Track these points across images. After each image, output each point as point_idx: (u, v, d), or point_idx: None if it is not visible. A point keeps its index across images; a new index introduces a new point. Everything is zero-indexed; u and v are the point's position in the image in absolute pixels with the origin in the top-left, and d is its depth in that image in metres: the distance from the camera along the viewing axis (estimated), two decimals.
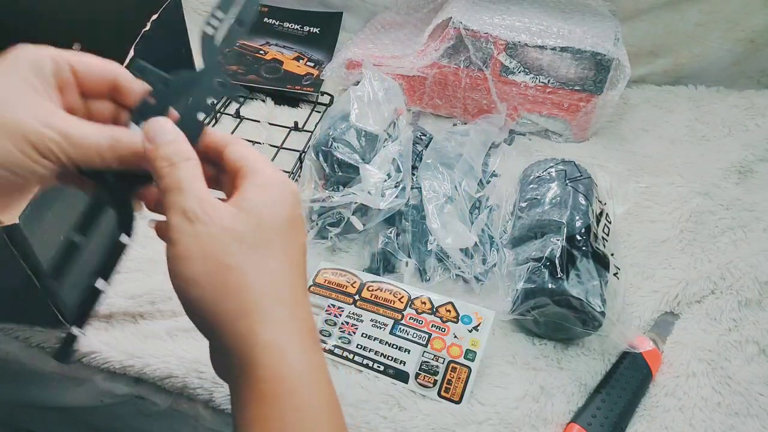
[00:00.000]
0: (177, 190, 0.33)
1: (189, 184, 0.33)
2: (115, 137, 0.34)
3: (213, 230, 0.32)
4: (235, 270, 0.32)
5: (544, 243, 0.61)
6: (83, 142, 0.33)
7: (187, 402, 0.61)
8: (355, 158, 0.68)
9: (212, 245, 0.32)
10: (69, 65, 0.35)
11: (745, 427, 0.56)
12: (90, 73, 0.36)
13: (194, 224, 0.32)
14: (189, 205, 0.32)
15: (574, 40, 0.78)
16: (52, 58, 0.35)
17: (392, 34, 0.93)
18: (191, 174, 0.34)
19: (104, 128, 0.35)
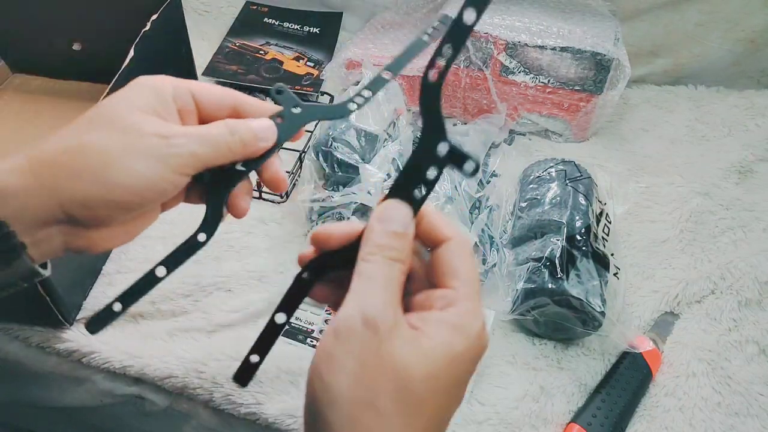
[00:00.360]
0: (366, 280, 0.29)
1: (384, 282, 0.29)
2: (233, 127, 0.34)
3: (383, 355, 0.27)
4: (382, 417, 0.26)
5: (544, 243, 0.61)
6: (212, 140, 0.33)
7: (186, 402, 0.61)
8: (355, 158, 0.68)
9: (374, 373, 0.26)
10: (190, 92, 0.35)
11: (745, 427, 0.56)
12: (210, 101, 0.36)
13: (372, 335, 0.27)
14: (376, 313, 0.27)
15: (574, 40, 0.78)
16: (173, 85, 0.35)
17: (392, 34, 0.93)
18: (396, 280, 0.29)
19: (218, 124, 0.34)
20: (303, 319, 0.63)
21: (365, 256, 0.29)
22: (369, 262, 0.29)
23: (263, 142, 0.35)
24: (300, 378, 0.59)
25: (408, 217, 0.31)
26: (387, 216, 0.31)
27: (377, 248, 0.29)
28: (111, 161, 0.31)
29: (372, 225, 0.30)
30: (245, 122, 0.35)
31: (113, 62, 0.66)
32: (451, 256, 0.30)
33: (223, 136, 0.34)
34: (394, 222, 0.30)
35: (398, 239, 0.30)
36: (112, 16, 0.83)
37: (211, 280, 0.66)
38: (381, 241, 0.30)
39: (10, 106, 0.88)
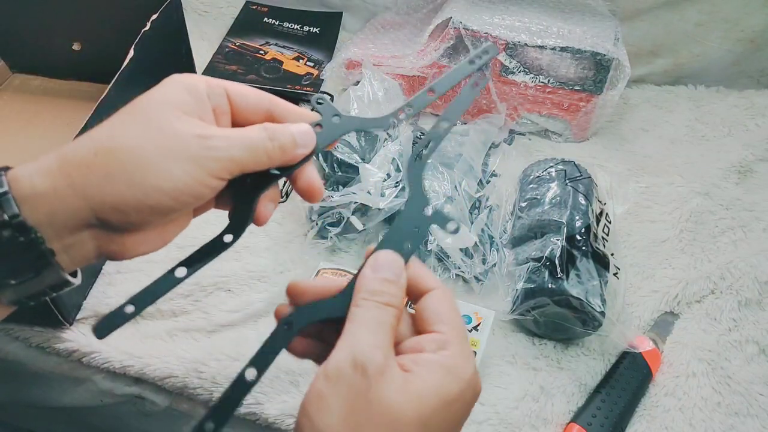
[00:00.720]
0: (358, 325, 0.29)
1: (375, 327, 0.29)
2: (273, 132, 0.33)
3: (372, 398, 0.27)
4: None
5: (544, 243, 0.61)
6: (252, 144, 0.32)
7: (186, 402, 0.61)
8: (354, 158, 0.68)
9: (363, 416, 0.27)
10: (225, 92, 0.34)
11: (745, 427, 0.56)
12: (246, 103, 0.34)
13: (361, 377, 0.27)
14: (365, 356, 0.28)
15: (574, 40, 0.78)
16: (209, 84, 0.33)
17: (392, 34, 0.93)
18: (388, 323, 0.30)
19: (258, 128, 0.33)
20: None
21: (358, 301, 0.30)
22: (361, 307, 0.30)
23: (302, 149, 0.34)
24: (300, 378, 0.59)
25: (400, 266, 0.32)
26: (379, 264, 0.32)
27: (369, 294, 0.31)
28: (146, 163, 0.29)
29: (365, 273, 0.32)
30: (285, 127, 0.34)
31: (113, 62, 0.66)
32: (438, 304, 0.32)
33: (263, 141, 0.32)
34: (386, 269, 0.32)
35: (391, 286, 0.31)
36: (112, 16, 0.83)
37: (211, 280, 0.66)
38: (373, 287, 0.31)
39: (10, 106, 0.88)
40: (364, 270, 0.32)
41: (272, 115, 0.35)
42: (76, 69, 0.90)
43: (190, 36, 0.85)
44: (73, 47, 0.87)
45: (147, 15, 0.71)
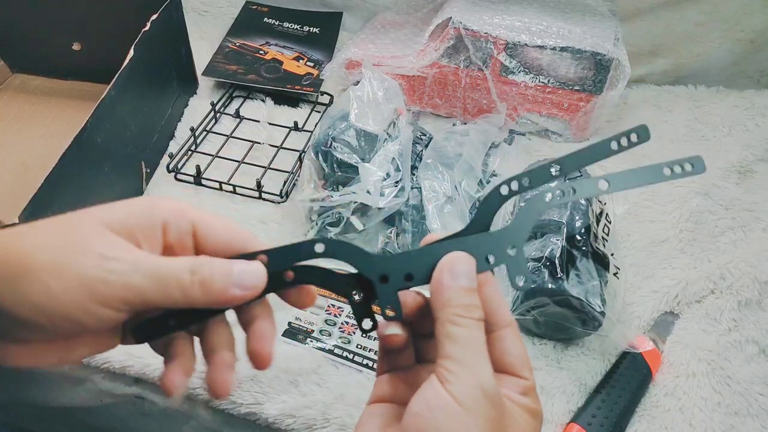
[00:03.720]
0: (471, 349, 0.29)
1: (484, 351, 0.29)
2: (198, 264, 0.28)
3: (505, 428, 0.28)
4: None
5: (544, 243, 0.61)
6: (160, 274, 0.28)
7: (186, 402, 0.61)
8: (354, 158, 0.68)
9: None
10: (191, 224, 0.30)
11: (745, 427, 0.56)
12: (216, 241, 0.31)
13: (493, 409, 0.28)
14: (492, 386, 0.28)
15: (574, 40, 0.78)
16: (175, 211, 0.30)
17: (392, 34, 0.93)
18: (484, 339, 0.29)
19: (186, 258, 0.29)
20: (303, 319, 0.63)
21: (454, 318, 0.29)
22: (462, 327, 0.29)
23: (238, 290, 0.29)
24: (300, 378, 0.59)
25: (474, 271, 0.31)
26: (456, 270, 0.30)
27: (464, 309, 0.29)
28: (31, 272, 0.26)
29: (445, 281, 0.30)
30: (224, 262, 0.29)
31: (113, 62, 0.66)
32: (517, 345, 0.32)
33: (179, 271, 0.28)
34: (465, 277, 0.30)
35: (474, 296, 0.30)
36: (112, 16, 0.83)
37: None
38: (462, 299, 0.30)
39: (10, 106, 0.88)
40: (442, 277, 0.30)
41: None
42: (76, 69, 0.90)
43: (190, 36, 0.85)
44: (73, 47, 0.87)
45: (147, 15, 0.71)
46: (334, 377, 0.59)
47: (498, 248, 0.32)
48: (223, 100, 0.89)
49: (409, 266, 0.32)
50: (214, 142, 0.83)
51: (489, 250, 0.32)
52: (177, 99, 0.85)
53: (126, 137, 0.71)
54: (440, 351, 0.29)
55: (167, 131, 0.83)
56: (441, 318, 0.29)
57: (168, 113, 0.82)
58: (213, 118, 0.87)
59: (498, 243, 0.32)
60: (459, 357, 0.28)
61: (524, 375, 0.31)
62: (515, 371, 0.31)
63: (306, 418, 0.56)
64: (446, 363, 0.28)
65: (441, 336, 0.29)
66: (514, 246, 0.32)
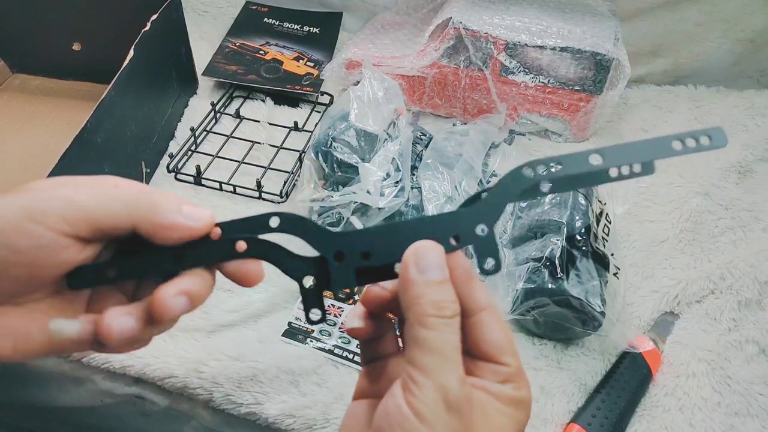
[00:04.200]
0: (437, 355, 0.26)
1: (453, 354, 0.27)
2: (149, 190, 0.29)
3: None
4: None
5: (544, 243, 0.61)
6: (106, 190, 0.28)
7: (186, 402, 0.61)
8: (354, 158, 0.68)
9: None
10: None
11: (745, 427, 0.56)
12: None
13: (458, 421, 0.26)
14: (457, 396, 0.26)
15: (574, 40, 0.78)
16: None
17: (392, 34, 0.93)
18: (458, 345, 0.27)
19: None
20: (303, 319, 0.63)
21: (422, 319, 0.27)
22: (430, 329, 0.27)
23: (184, 219, 0.29)
24: (300, 378, 0.59)
25: (444, 259, 0.28)
26: (425, 263, 0.28)
27: (434, 308, 0.27)
28: None
29: (411, 276, 0.28)
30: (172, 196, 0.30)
31: (113, 62, 0.66)
32: (494, 329, 0.29)
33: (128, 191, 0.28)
34: (435, 268, 0.28)
35: (446, 290, 0.28)
36: (112, 16, 0.83)
37: None
38: (432, 297, 0.27)
39: (10, 106, 0.88)
40: (409, 272, 0.28)
41: None
42: (76, 69, 0.90)
43: (190, 36, 0.85)
44: (73, 47, 0.87)
45: (147, 15, 0.71)
46: (334, 377, 0.59)
47: (466, 227, 0.29)
48: (223, 100, 0.89)
49: (369, 244, 0.29)
50: (214, 142, 0.83)
51: (456, 230, 0.29)
52: (177, 99, 0.85)
53: (126, 137, 0.71)
54: (406, 355, 0.27)
55: (167, 131, 0.83)
56: (409, 318, 0.27)
57: (168, 113, 0.82)
58: (213, 118, 0.87)
59: (467, 222, 0.30)
60: (424, 364, 0.26)
61: (504, 361, 0.29)
62: (494, 357, 0.29)
63: (306, 418, 0.56)
64: (411, 370, 0.26)
65: (408, 338, 0.27)
66: (484, 225, 0.30)
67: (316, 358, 0.60)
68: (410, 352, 0.27)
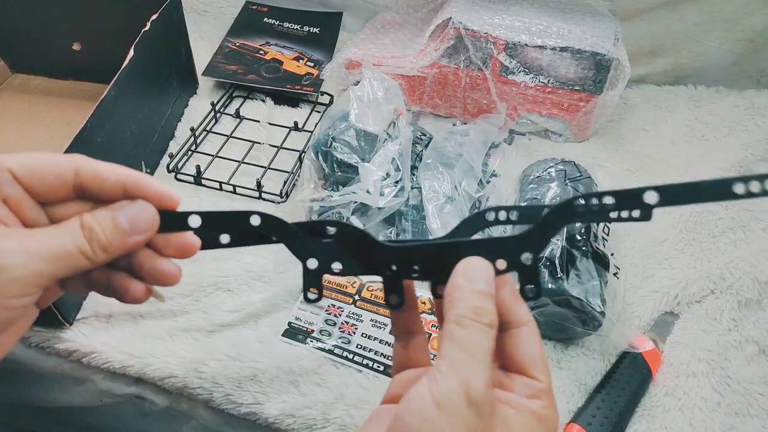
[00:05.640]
0: (467, 353, 0.27)
1: (483, 357, 0.27)
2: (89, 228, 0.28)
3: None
4: None
5: None
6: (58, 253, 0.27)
7: (186, 402, 0.61)
8: (354, 158, 0.68)
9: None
10: (10, 174, 0.28)
11: (745, 427, 0.56)
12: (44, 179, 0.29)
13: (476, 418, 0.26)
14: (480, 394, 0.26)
15: (574, 40, 0.78)
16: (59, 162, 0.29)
17: (392, 34, 0.93)
18: (491, 350, 0.28)
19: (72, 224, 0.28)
20: (303, 319, 0.63)
21: (459, 319, 0.28)
22: (467, 329, 0.28)
23: (139, 237, 0.29)
24: (300, 378, 0.59)
25: (492, 277, 0.30)
26: (473, 274, 0.30)
27: (471, 312, 0.28)
28: None
29: (458, 282, 0.29)
30: (106, 217, 0.28)
31: (113, 62, 0.66)
32: (532, 345, 0.30)
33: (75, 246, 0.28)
34: (481, 281, 0.29)
35: (489, 301, 0.29)
36: (112, 16, 0.83)
37: (211, 280, 0.66)
38: (473, 302, 0.29)
39: (10, 106, 0.88)
40: (457, 279, 0.30)
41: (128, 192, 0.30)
42: (76, 69, 0.90)
43: (190, 36, 0.85)
44: (73, 47, 0.87)
45: (147, 15, 0.71)
46: (334, 377, 0.59)
47: (514, 254, 0.31)
48: (223, 100, 0.89)
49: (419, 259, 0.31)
50: (214, 142, 0.83)
51: (503, 254, 0.31)
52: (177, 99, 0.85)
53: (126, 137, 0.71)
54: (439, 350, 0.28)
55: (167, 131, 0.83)
56: (447, 318, 0.29)
57: (168, 113, 0.82)
58: (213, 118, 0.87)
59: (515, 249, 0.31)
60: (453, 358, 0.27)
61: (536, 376, 0.29)
62: (527, 371, 0.30)
63: (306, 418, 0.56)
64: (440, 363, 0.27)
65: (443, 335, 0.28)
66: (530, 254, 0.31)
67: (316, 358, 0.60)
68: (442, 347, 0.28)
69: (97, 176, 0.29)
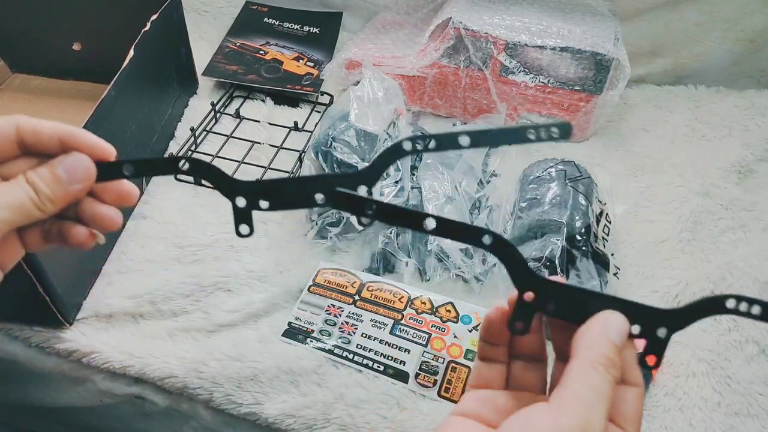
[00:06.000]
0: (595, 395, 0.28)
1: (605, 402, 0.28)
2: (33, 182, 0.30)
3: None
4: None
5: (544, 243, 0.61)
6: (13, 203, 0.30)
7: (186, 402, 0.61)
8: (354, 158, 0.68)
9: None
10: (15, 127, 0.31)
11: (745, 427, 0.56)
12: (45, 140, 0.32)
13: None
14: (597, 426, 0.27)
15: (574, 40, 0.78)
16: None
17: (392, 34, 0.93)
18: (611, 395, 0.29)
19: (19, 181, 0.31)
20: (303, 319, 0.63)
21: (594, 363, 0.29)
22: (599, 374, 0.29)
23: (77, 185, 0.31)
24: (300, 378, 0.59)
25: (626, 334, 0.32)
26: (614, 328, 0.31)
27: (608, 361, 0.29)
28: None
29: (596, 330, 0.31)
30: (49, 168, 0.31)
31: (113, 62, 0.66)
32: (637, 404, 0.31)
33: (25, 198, 0.30)
34: (618, 334, 0.31)
35: (618, 356, 0.30)
36: (112, 16, 0.83)
37: (211, 280, 0.66)
38: (612, 355, 0.30)
39: (10, 106, 0.88)
40: (596, 325, 0.31)
41: (65, 145, 0.32)
42: (76, 69, 0.90)
43: (190, 36, 0.85)
44: (73, 47, 0.87)
45: (147, 15, 0.71)
46: (334, 377, 0.59)
47: (650, 325, 0.33)
48: (223, 100, 0.89)
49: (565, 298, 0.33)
50: (214, 142, 0.83)
51: (642, 320, 0.33)
52: (177, 99, 0.85)
53: (126, 137, 0.71)
54: (564, 381, 0.29)
55: (167, 131, 0.83)
56: (581, 357, 0.30)
57: (168, 113, 0.82)
58: (213, 118, 0.87)
59: (654, 319, 0.33)
60: (580, 394, 0.28)
61: (628, 429, 0.31)
62: (622, 424, 0.31)
63: (306, 418, 0.56)
64: (565, 393, 0.28)
65: (573, 371, 0.29)
66: (666, 329, 0.34)
67: (316, 358, 0.60)
68: (571, 380, 0.29)
69: (35, 131, 0.31)
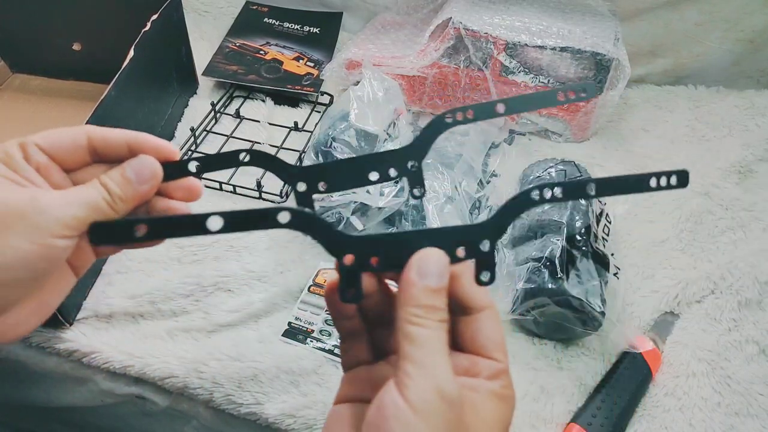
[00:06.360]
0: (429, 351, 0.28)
1: (443, 352, 0.28)
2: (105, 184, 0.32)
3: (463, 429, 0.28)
4: None
5: (543, 243, 0.61)
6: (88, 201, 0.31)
7: (187, 402, 0.61)
8: None
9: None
10: (36, 147, 0.33)
11: (745, 427, 0.56)
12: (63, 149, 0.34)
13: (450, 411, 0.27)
14: (450, 388, 0.27)
15: (574, 40, 0.78)
16: (19, 146, 0.32)
17: (392, 34, 0.93)
18: (445, 339, 0.29)
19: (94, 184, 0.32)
20: (303, 319, 0.63)
21: (412, 318, 0.29)
22: (423, 327, 0.29)
23: (145, 186, 0.34)
24: (300, 378, 0.59)
25: (445, 268, 0.30)
26: (426, 269, 0.30)
27: (425, 311, 0.29)
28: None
29: (411, 278, 0.30)
30: (117, 173, 0.33)
31: (113, 62, 0.66)
32: (493, 328, 0.31)
33: (100, 198, 0.32)
34: (433, 276, 0.30)
35: (439, 297, 0.30)
36: (112, 16, 0.83)
37: (211, 280, 0.66)
38: (427, 301, 0.29)
39: (10, 106, 0.88)
40: (410, 274, 0.30)
41: (132, 149, 0.34)
42: (76, 69, 0.90)
43: (190, 36, 0.85)
44: (73, 47, 0.87)
45: (147, 15, 0.71)
46: (334, 377, 0.59)
47: (473, 241, 0.32)
48: (223, 100, 0.89)
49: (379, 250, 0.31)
50: (215, 143, 0.83)
51: (464, 242, 0.31)
52: (177, 99, 0.85)
53: None
54: (399, 352, 0.29)
55: (167, 131, 0.83)
56: (401, 316, 0.29)
57: (168, 113, 0.82)
58: (213, 118, 0.87)
59: (474, 236, 0.32)
60: (416, 358, 0.28)
61: (496, 357, 0.31)
62: (487, 353, 0.31)
63: (306, 418, 0.56)
64: (404, 365, 0.28)
65: (400, 335, 0.29)
66: (488, 241, 0.32)
67: (316, 358, 0.60)
68: (403, 349, 0.28)
69: (104, 138, 0.34)
